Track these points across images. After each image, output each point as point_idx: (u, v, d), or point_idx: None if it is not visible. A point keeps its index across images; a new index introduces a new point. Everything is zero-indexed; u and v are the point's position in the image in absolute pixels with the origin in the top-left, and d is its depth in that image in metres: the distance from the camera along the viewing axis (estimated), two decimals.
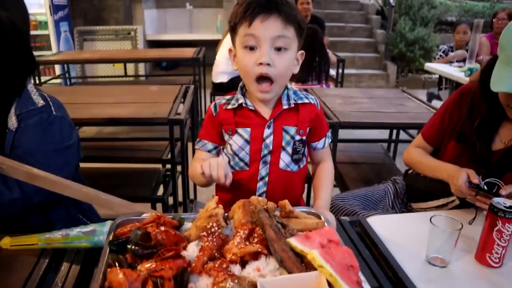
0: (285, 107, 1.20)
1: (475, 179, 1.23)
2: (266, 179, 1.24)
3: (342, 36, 7.21)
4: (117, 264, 0.77)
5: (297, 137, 1.23)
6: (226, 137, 1.23)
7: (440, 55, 4.55)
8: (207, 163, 1.04)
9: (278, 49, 1.10)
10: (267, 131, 1.20)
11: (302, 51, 1.18)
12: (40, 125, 1.24)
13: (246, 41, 1.10)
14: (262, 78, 1.12)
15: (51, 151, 1.24)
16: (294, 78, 3.57)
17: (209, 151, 1.27)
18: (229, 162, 1.25)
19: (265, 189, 1.25)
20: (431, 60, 6.55)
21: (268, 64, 1.09)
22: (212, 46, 4.29)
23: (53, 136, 1.26)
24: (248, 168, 1.23)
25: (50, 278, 0.93)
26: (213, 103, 1.26)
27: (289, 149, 1.23)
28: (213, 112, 1.24)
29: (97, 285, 0.73)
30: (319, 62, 3.54)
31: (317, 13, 4.58)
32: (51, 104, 1.29)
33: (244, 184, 1.24)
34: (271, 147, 1.21)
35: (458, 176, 1.26)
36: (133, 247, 0.78)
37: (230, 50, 1.20)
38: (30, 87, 1.31)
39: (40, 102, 1.27)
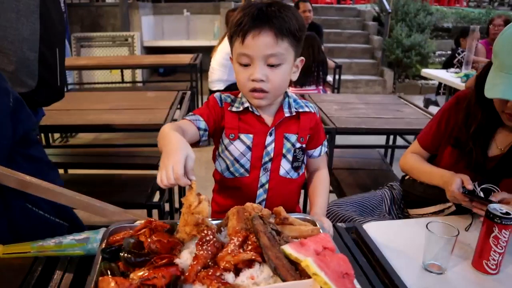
0: (287, 115, 1.20)
1: (469, 185, 1.22)
2: (266, 186, 1.23)
3: (339, 43, 7.24)
4: (109, 273, 0.76)
5: (298, 145, 1.23)
6: (226, 141, 1.21)
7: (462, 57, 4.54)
8: (163, 175, 0.86)
9: (271, 65, 1.09)
10: (269, 139, 1.20)
11: (302, 58, 1.18)
12: None
13: (240, 59, 1.11)
14: (256, 90, 1.12)
15: None
16: (292, 82, 3.62)
17: (198, 129, 1.16)
18: (228, 168, 1.23)
19: (265, 196, 1.24)
20: (427, 66, 6.60)
21: (262, 80, 1.09)
22: (209, 52, 4.30)
23: None
24: (248, 175, 1.22)
25: (43, 287, 0.91)
26: (217, 95, 1.23)
27: (290, 157, 1.23)
28: (219, 104, 1.21)
29: None
30: (317, 66, 3.59)
31: (313, 19, 4.59)
32: None
33: (243, 191, 1.23)
34: (272, 155, 1.21)
35: (452, 182, 1.25)
36: (125, 255, 0.77)
37: (231, 59, 1.20)
38: None
39: None
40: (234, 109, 1.20)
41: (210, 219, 0.86)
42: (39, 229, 1.19)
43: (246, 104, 1.19)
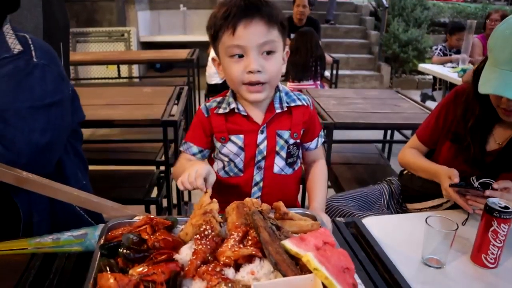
0: (278, 111, 1.17)
1: (456, 179, 1.24)
2: (261, 184, 1.22)
3: (336, 37, 7.22)
4: (108, 269, 0.75)
5: (291, 141, 1.20)
6: (218, 144, 1.20)
7: (438, 53, 4.55)
8: (185, 177, 0.97)
9: (267, 53, 1.07)
10: (260, 137, 1.18)
11: (287, 50, 1.16)
12: (14, 76, 1.01)
13: (232, 51, 1.06)
14: (252, 83, 1.08)
15: (26, 108, 1.00)
16: (290, 77, 3.64)
17: (194, 155, 1.22)
18: (223, 168, 1.23)
19: (259, 194, 1.23)
20: (424, 61, 6.60)
21: (259, 71, 1.06)
22: (206, 47, 4.29)
23: (32, 89, 1.03)
24: (242, 174, 1.21)
25: (41, 284, 0.91)
26: (203, 105, 1.22)
27: (283, 154, 1.21)
28: (205, 114, 1.20)
29: None
30: (315, 61, 3.59)
31: (310, 14, 4.56)
32: (32, 48, 1.05)
33: (238, 189, 1.22)
34: (265, 153, 1.19)
35: (443, 180, 1.27)
36: (124, 251, 0.77)
37: (213, 60, 1.16)
38: (6, 28, 1.08)
39: (17, 48, 1.04)
40: (220, 111, 1.17)
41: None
42: (71, 223, 1.18)
43: (233, 105, 1.16)
